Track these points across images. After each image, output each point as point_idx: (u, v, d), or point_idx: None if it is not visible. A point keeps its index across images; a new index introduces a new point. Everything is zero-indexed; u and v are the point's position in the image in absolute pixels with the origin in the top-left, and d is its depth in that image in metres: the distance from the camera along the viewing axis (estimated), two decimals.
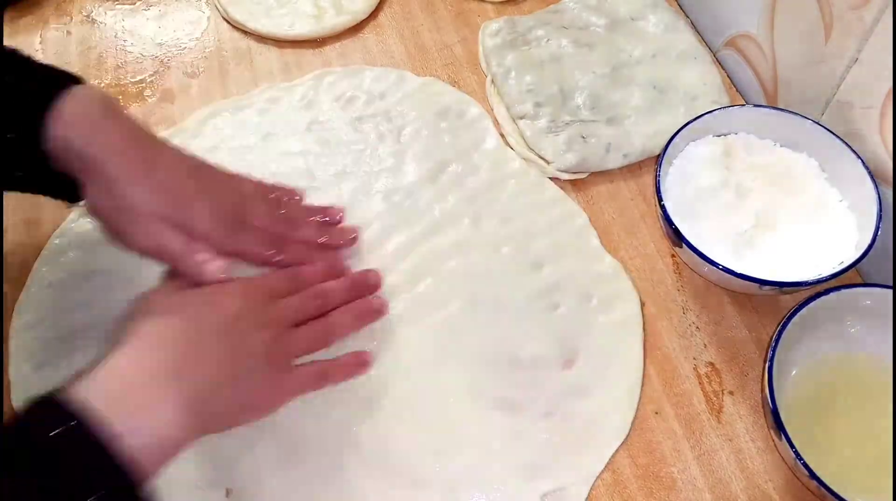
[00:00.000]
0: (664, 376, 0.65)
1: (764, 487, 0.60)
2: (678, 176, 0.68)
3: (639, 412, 0.63)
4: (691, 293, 0.69)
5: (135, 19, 0.90)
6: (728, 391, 0.64)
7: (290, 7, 0.87)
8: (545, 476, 0.60)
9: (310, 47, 0.86)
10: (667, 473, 0.61)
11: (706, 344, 0.67)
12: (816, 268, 0.63)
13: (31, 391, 0.64)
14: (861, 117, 0.66)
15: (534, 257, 0.70)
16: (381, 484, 0.60)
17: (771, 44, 0.75)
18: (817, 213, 0.66)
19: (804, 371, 0.61)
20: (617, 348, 0.65)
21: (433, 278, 0.69)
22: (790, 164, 0.68)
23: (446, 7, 0.89)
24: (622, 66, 0.80)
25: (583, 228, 0.72)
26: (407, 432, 0.62)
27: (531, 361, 0.65)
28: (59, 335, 0.66)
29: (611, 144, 0.75)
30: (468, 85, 0.83)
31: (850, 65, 0.66)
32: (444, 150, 0.77)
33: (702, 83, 0.78)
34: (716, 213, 0.66)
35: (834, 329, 0.62)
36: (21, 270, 0.70)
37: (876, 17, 0.61)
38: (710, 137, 0.70)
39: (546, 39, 0.82)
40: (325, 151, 0.77)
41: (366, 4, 0.87)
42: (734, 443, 0.62)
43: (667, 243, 0.71)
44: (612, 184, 0.76)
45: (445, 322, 0.67)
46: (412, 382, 0.64)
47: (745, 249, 0.65)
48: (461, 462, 0.61)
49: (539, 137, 0.75)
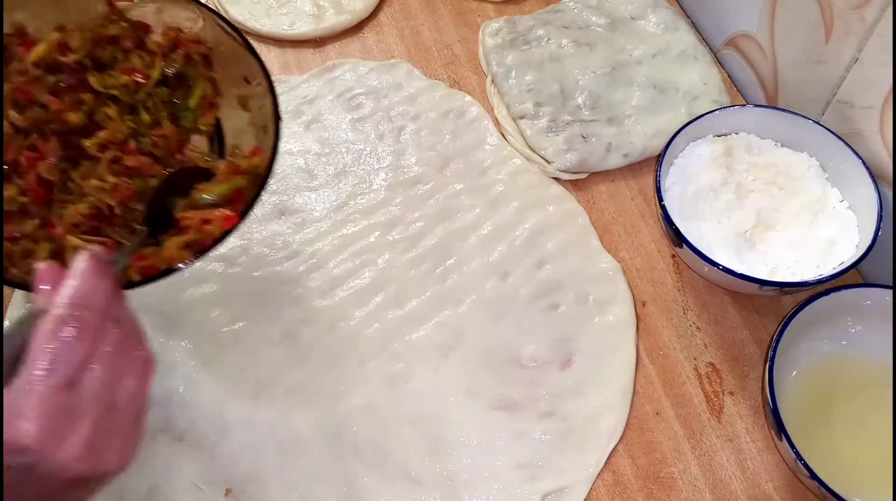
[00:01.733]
0: (664, 376, 0.65)
1: (764, 487, 0.60)
2: (679, 176, 0.68)
3: (639, 412, 0.63)
4: (692, 293, 0.69)
5: None
6: (728, 392, 0.64)
7: (290, 7, 0.87)
8: (545, 476, 0.60)
9: (310, 47, 0.86)
10: (667, 473, 0.61)
11: (706, 344, 0.67)
12: (817, 268, 0.63)
13: None
14: (861, 117, 0.66)
15: (535, 257, 0.70)
16: (381, 484, 0.60)
17: (771, 44, 0.75)
18: (817, 213, 0.66)
19: (804, 371, 0.61)
20: (611, 348, 0.66)
21: (434, 278, 0.69)
22: (791, 164, 0.68)
23: (446, 7, 0.89)
24: (622, 65, 0.80)
25: (583, 227, 0.72)
26: (407, 431, 0.62)
27: (531, 361, 0.65)
28: None
29: (611, 144, 0.75)
30: (468, 85, 0.83)
31: (850, 65, 0.66)
32: (445, 149, 0.77)
33: (702, 83, 0.78)
34: (716, 213, 0.66)
35: (834, 329, 0.62)
36: None
37: (876, 17, 0.61)
38: (710, 137, 0.70)
39: (546, 39, 0.82)
40: (325, 150, 0.77)
41: (366, 4, 0.87)
42: (734, 443, 0.62)
43: (667, 243, 0.71)
44: (613, 184, 0.76)
45: (446, 322, 0.67)
46: (412, 382, 0.64)
47: (746, 249, 0.65)
48: (461, 461, 0.61)
49: (539, 136, 0.75)
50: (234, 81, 0.61)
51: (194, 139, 0.60)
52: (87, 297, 0.41)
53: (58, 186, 0.54)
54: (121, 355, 0.42)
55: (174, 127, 0.58)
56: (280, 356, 0.65)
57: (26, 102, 0.54)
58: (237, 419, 0.63)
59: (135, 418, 0.43)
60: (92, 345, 0.40)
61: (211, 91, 0.61)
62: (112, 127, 0.56)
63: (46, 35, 0.57)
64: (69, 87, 0.56)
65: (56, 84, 0.56)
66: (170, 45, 0.59)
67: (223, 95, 0.62)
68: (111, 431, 0.41)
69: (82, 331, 0.40)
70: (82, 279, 0.42)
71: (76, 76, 0.56)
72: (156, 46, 0.59)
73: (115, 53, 0.58)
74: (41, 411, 0.37)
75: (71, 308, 0.40)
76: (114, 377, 0.41)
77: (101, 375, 0.40)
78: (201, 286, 0.69)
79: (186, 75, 0.60)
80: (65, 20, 0.58)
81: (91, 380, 0.40)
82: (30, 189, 0.53)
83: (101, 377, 0.40)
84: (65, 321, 0.40)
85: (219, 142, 0.61)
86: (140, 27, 0.60)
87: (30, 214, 0.54)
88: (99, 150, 0.55)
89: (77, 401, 0.39)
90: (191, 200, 0.55)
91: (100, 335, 0.41)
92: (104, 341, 0.41)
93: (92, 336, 0.40)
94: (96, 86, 0.56)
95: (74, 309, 0.40)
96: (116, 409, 0.41)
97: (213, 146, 0.61)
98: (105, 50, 0.57)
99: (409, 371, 0.65)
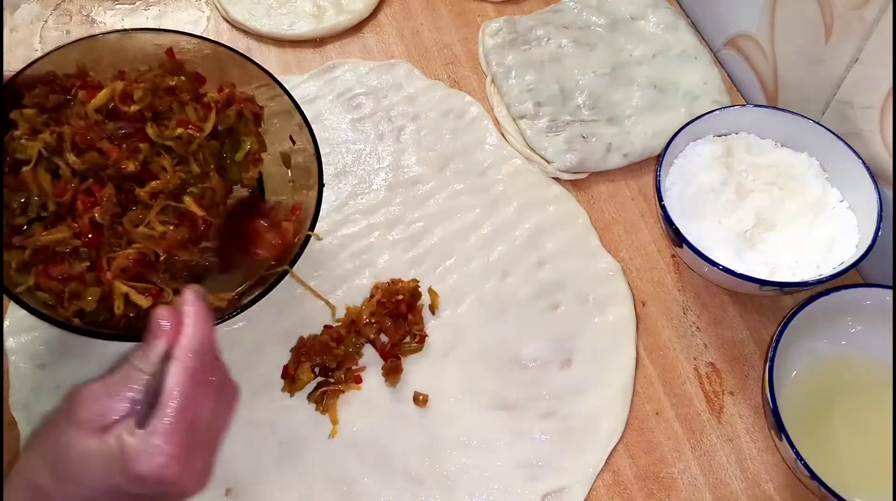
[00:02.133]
0: (664, 376, 0.65)
1: (764, 487, 0.60)
2: (679, 176, 0.68)
3: (639, 412, 0.63)
4: (692, 293, 0.69)
5: (134, 19, 0.90)
6: (728, 392, 0.64)
7: (290, 7, 0.87)
8: (545, 476, 0.60)
9: (310, 47, 0.86)
10: (667, 473, 0.61)
11: (707, 344, 0.67)
12: (817, 268, 0.63)
13: (31, 391, 0.64)
14: (861, 117, 0.66)
15: (535, 257, 0.70)
16: (381, 484, 0.60)
17: (771, 44, 0.75)
18: (817, 213, 0.66)
19: (804, 371, 0.61)
20: (611, 348, 0.66)
21: (434, 278, 0.69)
22: (791, 164, 0.68)
23: (446, 7, 0.89)
24: (622, 65, 0.80)
25: (583, 227, 0.72)
26: (407, 431, 0.62)
27: (531, 361, 0.65)
28: (59, 335, 0.66)
29: (611, 144, 0.75)
30: (468, 85, 0.83)
31: (850, 65, 0.66)
32: (445, 149, 0.77)
33: (702, 83, 0.78)
34: (716, 213, 0.66)
35: (834, 329, 0.62)
36: None
37: (876, 16, 0.61)
38: (710, 137, 0.70)
39: (546, 39, 0.82)
40: (325, 150, 0.77)
41: (366, 4, 0.87)
42: (734, 443, 0.62)
43: (667, 243, 0.71)
44: (613, 184, 0.76)
45: (447, 322, 0.67)
46: (413, 382, 0.64)
47: (746, 249, 0.65)
48: (461, 461, 0.61)
49: (539, 136, 0.75)
50: (279, 140, 0.65)
51: (237, 191, 0.63)
52: (206, 342, 0.47)
53: (108, 231, 0.56)
54: (221, 388, 0.48)
55: (220, 179, 0.60)
56: (280, 356, 0.65)
57: (85, 147, 0.56)
58: (237, 419, 0.62)
59: (220, 440, 0.48)
60: (210, 385, 0.46)
61: (258, 147, 0.63)
62: (164, 177, 0.57)
63: (110, 83, 0.58)
64: (126, 135, 0.57)
65: (115, 131, 0.57)
66: (224, 101, 0.61)
67: (268, 151, 0.64)
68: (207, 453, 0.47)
69: (205, 375, 0.46)
70: (198, 325, 0.47)
71: (134, 125, 0.58)
72: (210, 100, 0.61)
73: (173, 104, 0.59)
74: (179, 449, 0.43)
75: (197, 356, 0.46)
76: (216, 407, 0.47)
77: (210, 408, 0.46)
78: None
79: (237, 130, 0.62)
80: (123, 66, 0.61)
81: (205, 413, 0.46)
82: (83, 232, 0.55)
83: (211, 408, 0.46)
84: (194, 371, 0.45)
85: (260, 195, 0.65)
86: (197, 79, 0.62)
87: (80, 257, 0.55)
88: (150, 198, 0.57)
89: (195, 432, 0.45)
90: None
91: (212, 374, 0.47)
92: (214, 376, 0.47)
93: (209, 377, 0.47)
94: (153, 136, 0.57)
95: (199, 357, 0.46)
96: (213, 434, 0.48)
97: None
98: (163, 100, 0.59)
99: (409, 371, 0.64)
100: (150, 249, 0.56)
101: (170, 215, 0.57)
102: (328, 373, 0.63)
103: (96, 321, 0.56)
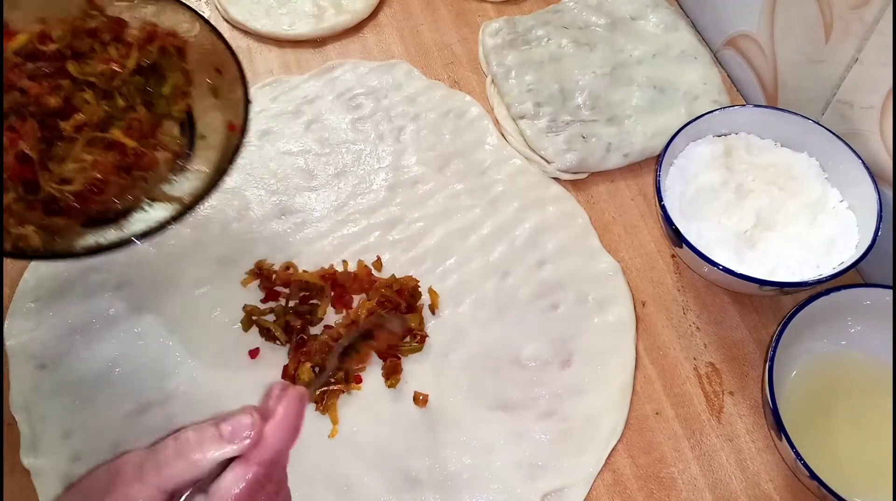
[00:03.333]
0: (664, 376, 0.65)
1: (764, 487, 0.60)
2: (678, 176, 0.68)
3: (639, 412, 0.63)
4: (691, 293, 0.69)
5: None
6: (728, 392, 0.64)
7: (290, 7, 0.87)
8: (545, 476, 0.60)
9: (310, 47, 0.86)
10: (667, 473, 0.61)
11: (706, 344, 0.67)
12: (816, 268, 0.63)
13: (32, 391, 0.64)
14: (861, 117, 0.66)
15: (535, 257, 0.70)
16: (381, 484, 0.60)
17: (771, 44, 0.75)
18: (817, 213, 0.66)
19: (804, 371, 0.61)
20: (611, 348, 0.66)
21: (434, 278, 0.69)
22: (790, 164, 0.68)
23: (446, 7, 0.89)
24: (622, 65, 0.80)
25: (583, 227, 0.72)
26: (407, 431, 0.62)
27: (531, 361, 0.65)
28: (59, 335, 0.66)
29: (611, 144, 0.75)
30: (468, 85, 0.83)
31: (850, 65, 0.66)
32: (445, 149, 0.77)
33: (702, 83, 0.78)
34: (716, 213, 0.66)
35: (834, 329, 0.62)
36: (20, 271, 0.70)
37: (876, 16, 0.61)
38: (710, 137, 0.70)
39: (546, 39, 0.82)
40: (325, 150, 0.77)
41: (366, 4, 0.87)
42: (734, 443, 0.62)
43: (667, 243, 0.71)
44: (613, 184, 0.76)
45: (446, 322, 0.67)
46: (413, 382, 0.64)
47: (746, 249, 0.65)
48: (461, 461, 0.61)
49: (539, 136, 0.75)
50: (206, 72, 0.64)
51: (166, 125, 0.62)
52: (284, 453, 0.43)
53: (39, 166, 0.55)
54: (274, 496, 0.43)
55: (148, 112, 0.60)
56: (280, 356, 0.65)
57: (6, 88, 0.56)
58: None
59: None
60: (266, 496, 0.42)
61: (183, 80, 0.63)
62: (88, 110, 0.57)
63: (28, 26, 0.59)
64: (48, 74, 0.58)
65: (35, 70, 0.57)
66: (146, 38, 0.61)
67: (195, 84, 0.64)
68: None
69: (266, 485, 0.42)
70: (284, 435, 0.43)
71: (55, 64, 0.58)
72: (132, 39, 0.61)
73: (94, 45, 0.60)
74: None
75: (267, 468, 0.41)
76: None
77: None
78: (202, 288, 0.69)
79: (161, 66, 0.62)
80: (46, 14, 0.60)
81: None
82: (8, 167, 0.55)
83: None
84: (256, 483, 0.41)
85: (190, 128, 0.64)
86: (117, 22, 0.62)
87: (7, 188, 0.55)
88: (76, 131, 0.57)
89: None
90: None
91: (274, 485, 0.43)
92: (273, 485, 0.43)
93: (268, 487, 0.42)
94: (74, 73, 0.58)
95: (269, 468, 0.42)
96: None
97: (184, 132, 0.63)
98: (84, 41, 0.59)
99: (409, 371, 0.65)
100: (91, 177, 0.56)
101: (98, 147, 0.57)
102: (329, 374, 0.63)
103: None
